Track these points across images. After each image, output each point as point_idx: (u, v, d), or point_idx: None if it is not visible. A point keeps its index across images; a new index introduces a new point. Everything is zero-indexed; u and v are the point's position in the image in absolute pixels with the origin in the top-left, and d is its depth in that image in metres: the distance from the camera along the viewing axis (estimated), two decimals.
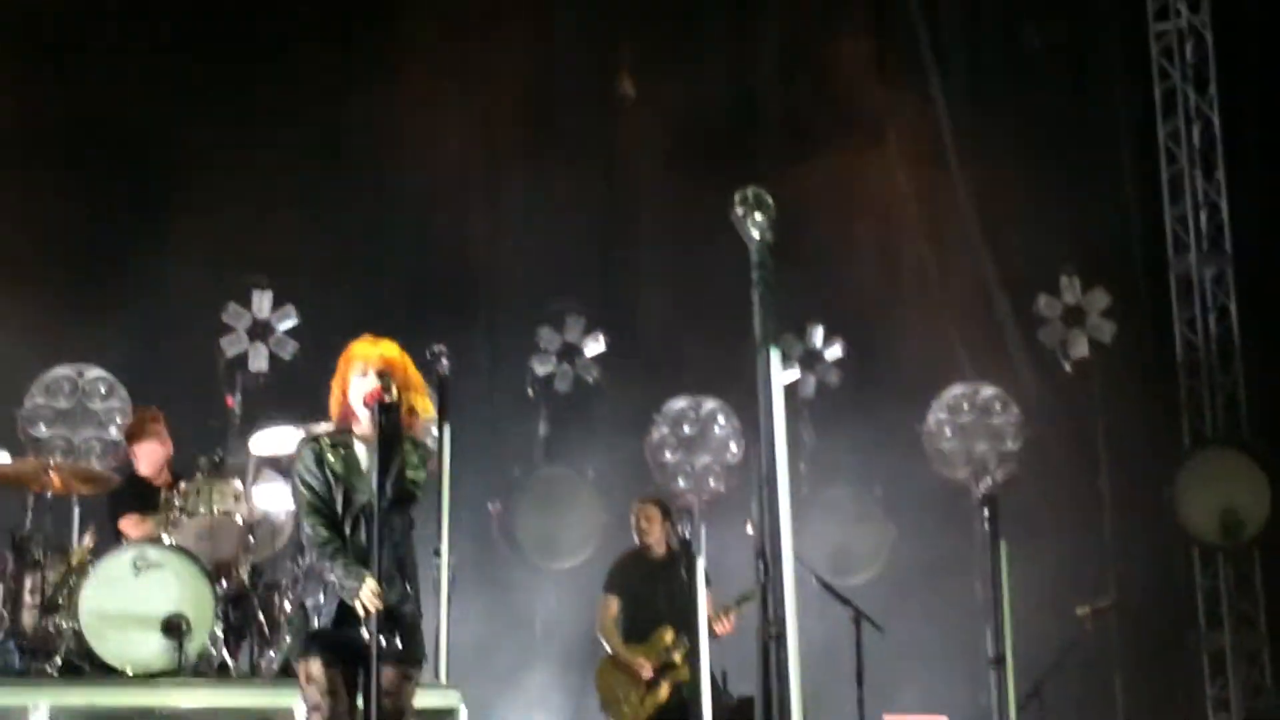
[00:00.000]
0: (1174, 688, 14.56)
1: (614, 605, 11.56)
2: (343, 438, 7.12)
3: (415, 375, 7.25)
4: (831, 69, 14.95)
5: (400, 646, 6.91)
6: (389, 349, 7.22)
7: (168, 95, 13.90)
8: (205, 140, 13.75)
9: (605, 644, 11.60)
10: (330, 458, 7.05)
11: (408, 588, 7.05)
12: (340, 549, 6.93)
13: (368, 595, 6.73)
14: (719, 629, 11.05)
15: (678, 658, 11.02)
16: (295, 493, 7.21)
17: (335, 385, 7.23)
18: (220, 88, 13.99)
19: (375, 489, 6.83)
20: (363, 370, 7.11)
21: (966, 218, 14.98)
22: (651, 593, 11.04)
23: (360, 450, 7.10)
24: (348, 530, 6.97)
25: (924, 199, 15.10)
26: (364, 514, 6.93)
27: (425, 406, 7.20)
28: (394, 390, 6.98)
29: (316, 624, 6.93)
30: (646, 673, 11.17)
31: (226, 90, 13.97)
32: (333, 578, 6.87)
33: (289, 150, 13.86)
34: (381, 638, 6.78)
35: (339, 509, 7.02)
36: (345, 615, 6.87)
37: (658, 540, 11.49)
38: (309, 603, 7.00)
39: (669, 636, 11.04)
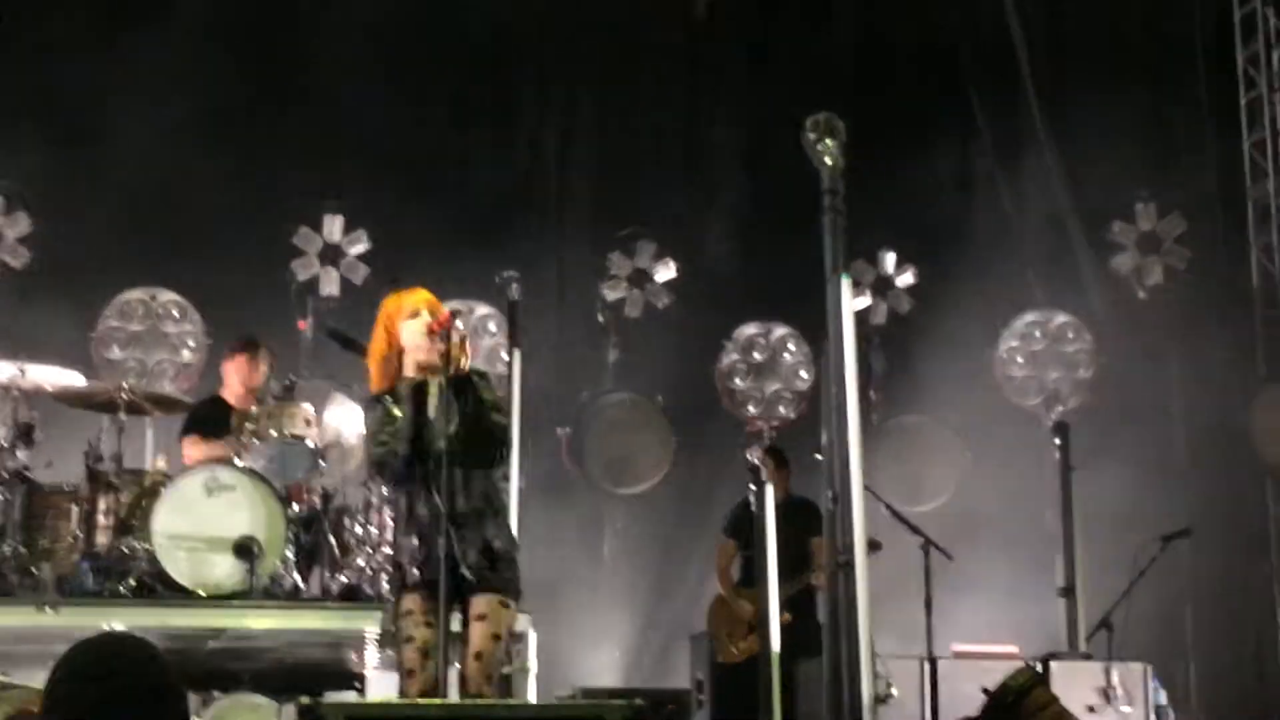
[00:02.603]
0: (1245, 618, 14.49)
1: (730, 549, 11.71)
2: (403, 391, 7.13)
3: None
4: None
5: (493, 572, 6.97)
6: (425, 293, 7.23)
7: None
8: (273, 63, 13.78)
9: (719, 585, 11.82)
10: (397, 411, 7.08)
11: (498, 521, 7.10)
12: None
13: None
14: (817, 581, 11.12)
15: None
16: (369, 451, 7.29)
17: (380, 344, 7.17)
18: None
19: (446, 423, 6.84)
20: (412, 312, 7.11)
21: (1041, 143, 14.83)
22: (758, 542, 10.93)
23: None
24: (428, 472, 6.98)
25: (999, 124, 14.96)
26: (439, 457, 6.94)
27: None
28: (458, 321, 7.01)
29: (416, 575, 6.95)
30: (746, 616, 11.28)
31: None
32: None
33: (359, 74, 13.84)
34: (473, 571, 6.90)
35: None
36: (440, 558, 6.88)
37: (774, 487, 11.45)
38: (405, 558, 7.07)
39: None
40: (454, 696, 7.00)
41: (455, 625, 7.00)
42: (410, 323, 7.09)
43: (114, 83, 13.23)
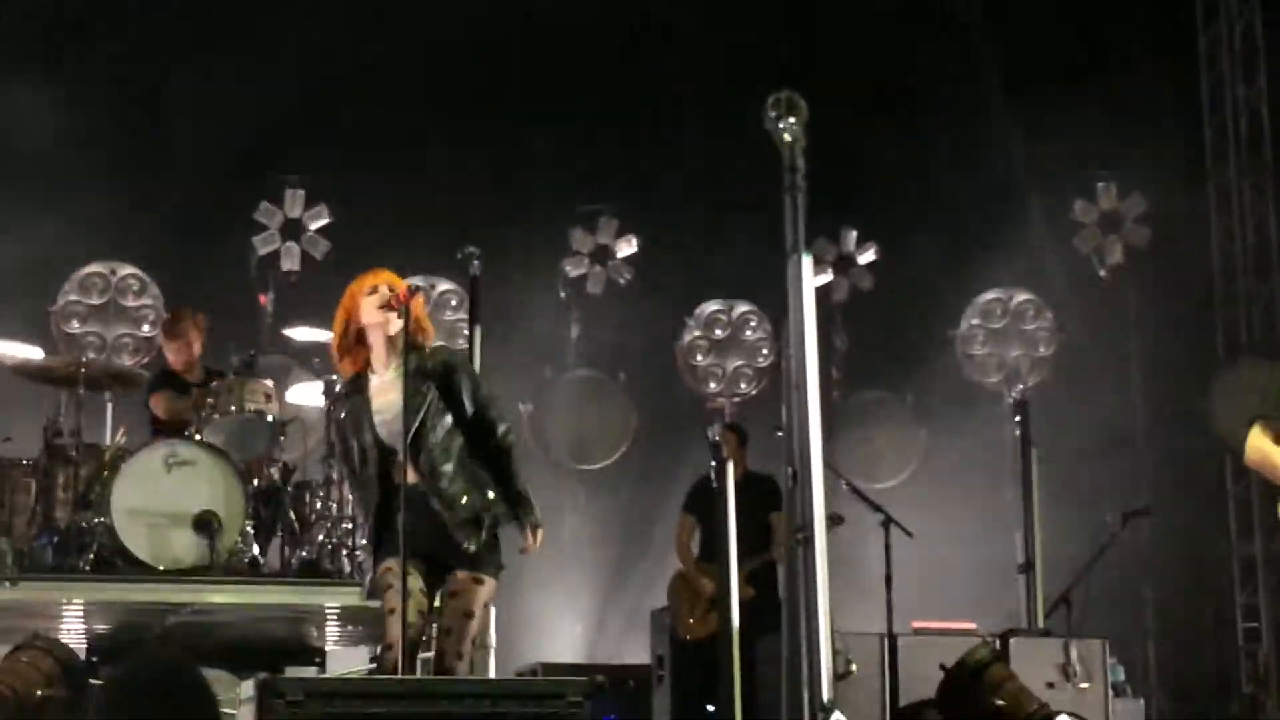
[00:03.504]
0: (1203, 595, 14.58)
1: (689, 524, 11.72)
2: (357, 383, 7.18)
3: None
4: None
5: (474, 550, 7.00)
6: (388, 273, 7.23)
7: None
8: (236, 38, 13.72)
9: (679, 560, 11.82)
10: (346, 409, 7.17)
11: (488, 495, 7.12)
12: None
13: None
14: (778, 556, 11.14)
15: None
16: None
17: (339, 323, 7.21)
18: None
19: (406, 414, 6.89)
20: (371, 288, 7.10)
21: (1003, 122, 14.86)
22: (720, 518, 10.93)
23: (381, 381, 7.12)
24: (401, 458, 7.01)
25: (961, 102, 14.98)
26: (396, 444, 6.98)
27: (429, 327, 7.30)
28: (419, 294, 7.05)
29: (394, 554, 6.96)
30: (707, 592, 11.28)
31: None
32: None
33: (318, 50, 13.77)
34: (460, 543, 6.98)
35: (357, 459, 7.10)
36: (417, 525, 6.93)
37: (734, 464, 11.51)
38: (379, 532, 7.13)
39: None
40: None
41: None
42: (369, 299, 7.09)
43: (72, 54, 13.17)
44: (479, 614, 7.10)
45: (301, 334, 11.42)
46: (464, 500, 7.03)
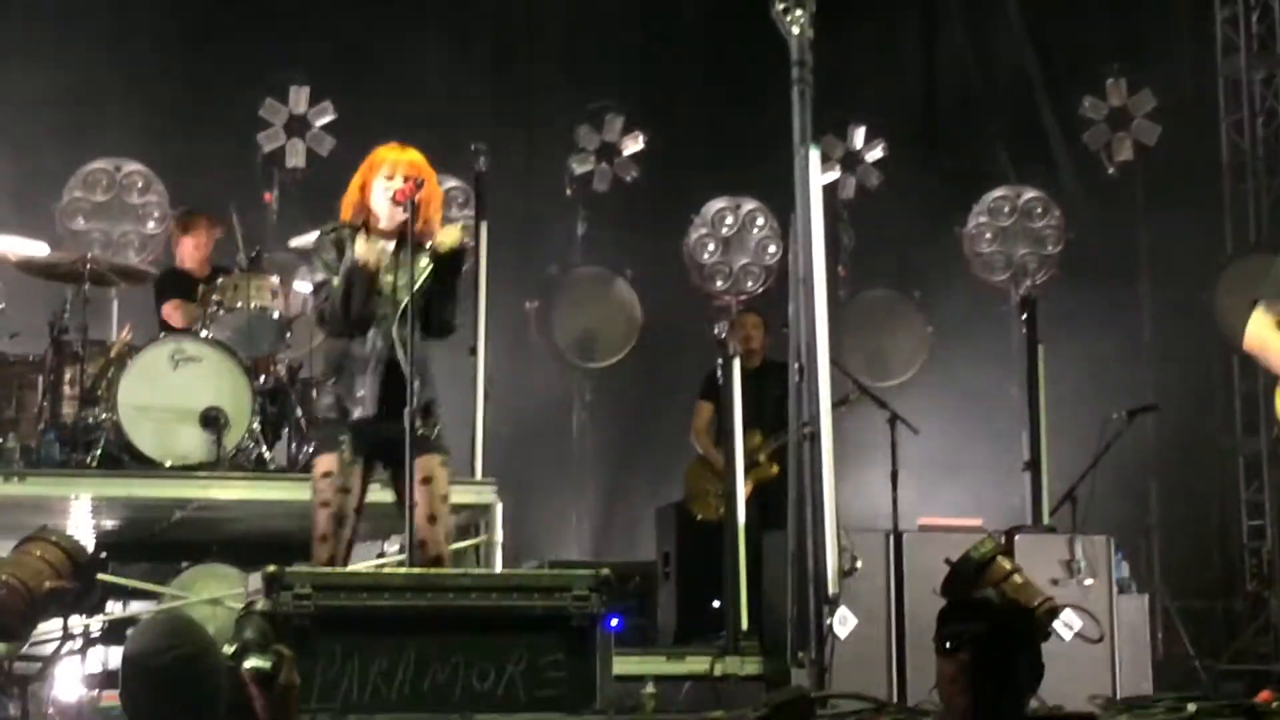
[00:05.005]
0: (1209, 492, 14.61)
1: (707, 410, 11.75)
2: (362, 231, 7.11)
3: (439, 189, 7.23)
4: None
5: (429, 430, 6.98)
6: (416, 155, 7.17)
7: None
8: None
9: (696, 445, 11.86)
10: (357, 242, 7.05)
11: (430, 385, 7.10)
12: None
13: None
14: None
15: (762, 458, 11.15)
16: (316, 275, 7.19)
17: (353, 187, 7.17)
18: None
19: (401, 287, 6.83)
20: (389, 173, 7.06)
21: (1011, 16, 14.75)
22: (743, 400, 10.95)
23: (382, 244, 7.08)
24: (371, 329, 6.98)
25: None
26: (385, 313, 6.93)
27: (440, 223, 7.20)
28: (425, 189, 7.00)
29: (356, 414, 6.96)
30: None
31: None
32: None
33: None
34: (418, 429, 6.87)
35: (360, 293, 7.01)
36: (383, 408, 6.90)
37: (756, 350, 11.58)
38: (340, 389, 7.05)
39: (756, 439, 11.09)
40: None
41: (385, 495, 7.02)
42: (379, 182, 7.07)
43: None
44: (448, 498, 7.08)
45: (305, 241, 11.34)
46: (424, 387, 6.96)
